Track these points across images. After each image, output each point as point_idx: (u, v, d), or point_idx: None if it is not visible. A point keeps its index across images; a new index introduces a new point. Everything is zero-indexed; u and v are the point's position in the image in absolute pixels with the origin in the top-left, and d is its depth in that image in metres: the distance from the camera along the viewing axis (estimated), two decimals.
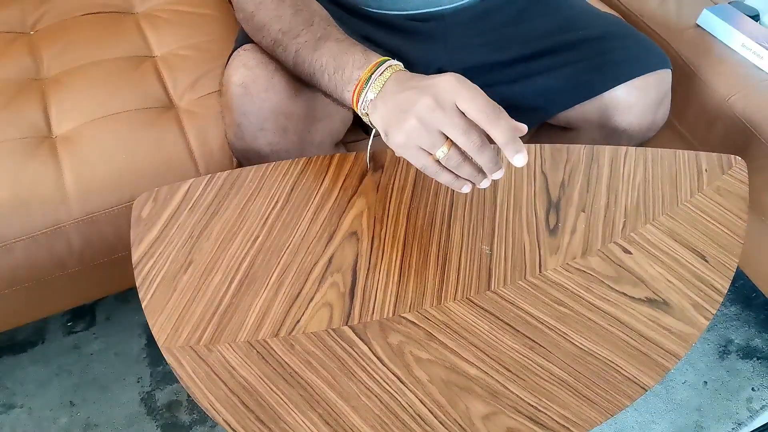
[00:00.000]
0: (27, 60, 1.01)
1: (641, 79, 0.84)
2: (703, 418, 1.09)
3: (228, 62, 0.78)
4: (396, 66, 0.63)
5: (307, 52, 0.67)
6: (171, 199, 0.67)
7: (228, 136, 0.78)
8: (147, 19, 1.09)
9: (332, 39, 0.66)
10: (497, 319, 0.59)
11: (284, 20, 0.69)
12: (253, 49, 0.75)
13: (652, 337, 0.58)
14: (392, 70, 0.62)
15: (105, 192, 0.85)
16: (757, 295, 1.26)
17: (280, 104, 0.73)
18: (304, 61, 0.68)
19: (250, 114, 0.74)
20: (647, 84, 0.85)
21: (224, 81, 0.77)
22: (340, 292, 0.60)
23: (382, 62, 0.63)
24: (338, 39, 0.66)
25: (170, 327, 0.57)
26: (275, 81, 0.73)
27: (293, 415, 0.52)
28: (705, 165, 0.73)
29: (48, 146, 0.88)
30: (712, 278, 0.63)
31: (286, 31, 0.69)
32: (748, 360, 1.17)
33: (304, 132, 0.77)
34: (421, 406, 0.53)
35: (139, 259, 0.62)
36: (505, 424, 0.52)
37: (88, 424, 1.05)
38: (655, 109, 0.87)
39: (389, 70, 0.62)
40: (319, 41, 0.67)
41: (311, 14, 0.69)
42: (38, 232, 0.83)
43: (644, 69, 0.84)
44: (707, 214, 0.68)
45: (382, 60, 0.63)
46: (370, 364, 0.55)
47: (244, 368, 0.54)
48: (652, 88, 0.85)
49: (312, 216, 0.66)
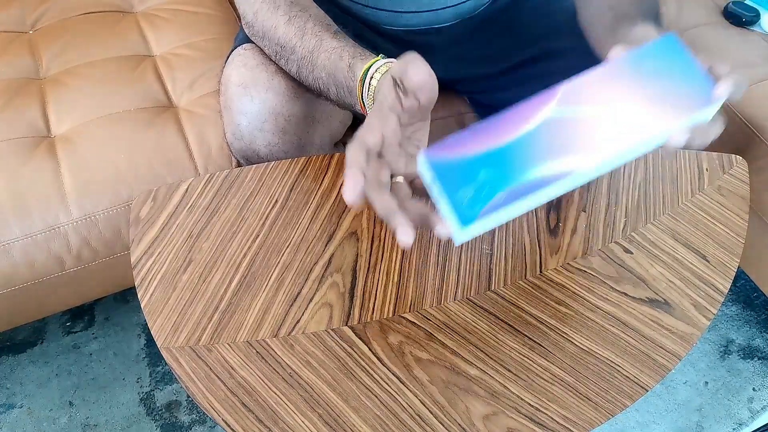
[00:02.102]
0: (26, 59, 1.01)
1: None
2: (704, 418, 1.09)
3: (227, 61, 0.78)
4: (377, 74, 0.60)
5: (306, 71, 0.67)
6: (170, 199, 0.67)
7: (227, 136, 0.78)
8: (146, 19, 1.09)
9: (324, 51, 0.65)
10: (497, 319, 0.59)
11: (279, 31, 0.68)
12: (253, 48, 0.75)
13: (652, 337, 0.58)
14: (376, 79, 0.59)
15: (104, 192, 0.85)
16: (758, 295, 1.26)
17: (280, 105, 0.73)
18: (306, 78, 0.68)
19: (249, 114, 0.73)
20: None
21: (224, 80, 0.77)
22: (340, 292, 0.60)
23: (365, 74, 0.60)
24: (328, 50, 0.65)
25: (169, 327, 0.57)
26: (275, 82, 0.72)
27: (293, 415, 0.52)
28: (706, 164, 0.73)
29: (47, 146, 0.88)
30: (713, 278, 0.63)
31: (282, 44, 0.68)
32: (749, 360, 1.17)
33: (303, 133, 0.76)
34: (421, 406, 0.53)
35: (138, 258, 0.62)
36: (505, 424, 0.52)
37: (87, 424, 1.04)
38: None
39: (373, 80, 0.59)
40: (314, 55, 0.66)
41: (305, 21, 0.68)
42: (37, 233, 0.83)
43: None
44: (708, 213, 0.68)
45: (364, 72, 0.60)
46: (370, 364, 0.55)
47: (243, 368, 0.54)
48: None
49: (312, 215, 0.66)
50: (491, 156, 0.48)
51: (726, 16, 1.13)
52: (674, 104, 0.47)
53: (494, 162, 0.48)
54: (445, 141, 0.47)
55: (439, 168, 0.47)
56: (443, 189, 0.47)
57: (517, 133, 0.48)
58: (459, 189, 0.47)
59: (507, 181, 0.47)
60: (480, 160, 0.48)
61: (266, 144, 0.75)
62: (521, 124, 0.48)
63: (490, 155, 0.48)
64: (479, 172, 0.48)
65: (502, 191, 0.47)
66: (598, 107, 0.47)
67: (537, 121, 0.47)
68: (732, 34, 1.10)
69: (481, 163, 0.48)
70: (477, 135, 0.47)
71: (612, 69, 0.48)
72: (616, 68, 0.48)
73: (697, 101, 0.48)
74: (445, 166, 0.47)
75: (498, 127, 0.48)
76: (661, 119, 0.47)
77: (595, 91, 0.48)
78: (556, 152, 0.47)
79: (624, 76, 0.48)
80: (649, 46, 0.48)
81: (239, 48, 0.77)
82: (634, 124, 0.47)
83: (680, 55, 0.48)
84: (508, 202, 0.47)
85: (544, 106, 0.47)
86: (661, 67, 0.48)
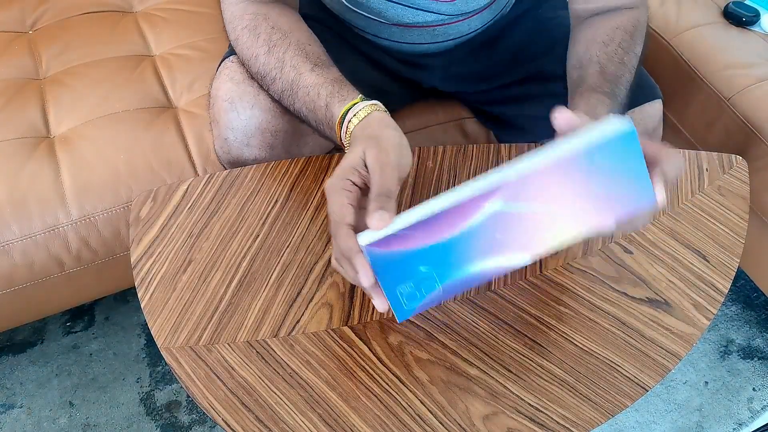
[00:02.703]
0: (26, 60, 1.01)
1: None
2: (704, 418, 1.09)
3: (217, 72, 0.77)
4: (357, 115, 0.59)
5: (287, 102, 0.67)
6: (170, 199, 0.67)
7: (215, 148, 0.78)
8: (146, 18, 1.09)
9: (302, 87, 0.64)
10: (497, 319, 0.59)
11: (259, 61, 0.67)
12: (240, 61, 0.74)
13: (652, 337, 0.58)
14: (353, 123, 0.59)
15: (103, 192, 0.85)
16: (758, 295, 1.26)
17: (266, 122, 0.72)
18: (289, 107, 0.68)
19: (236, 130, 0.73)
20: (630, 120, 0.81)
21: (212, 93, 0.76)
22: (340, 292, 0.60)
23: (343, 117, 0.60)
24: (307, 86, 0.64)
25: (169, 327, 0.57)
26: (261, 98, 0.71)
27: (293, 415, 0.52)
28: (706, 164, 0.73)
29: (46, 146, 0.88)
30: (713, 278, 0.63)
31: (263, 74, 0.68)
32: (749, 360, 1.17)
33: (291, 147, 0.76)
34: (421, 406, 0.53)
35: (137, 259, 0.62)
36: (505, 424, 0.52)
37: (87, 424, 1.04)
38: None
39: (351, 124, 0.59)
40: (293, 89, 0.65)
41: (284, 50, 0.66)
42: (36, 233, 0.83)
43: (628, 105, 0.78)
44: (708, 213, 0.68)
45: (342, 115, 0.60)
46: (370, 364, 0.55)
47: (243, 368, 0.54)
48: (638, 125, 0.81)
49: (312, 215, 0.66)
50: (431, 251, 0.49)
51: (726, 16, 1.13)
52: (613, 207, 0.48)
53: (434, 257, 0.49)
54: (388, 236, 0.47)
55: (379, 262, 0.48)
56: (382, 284, 0.49)
57: (458, 229, 0.48)
58: (398, 284, 0.49)
59: (444, 277, 0.49)
60: (420, 254, 0.49)
61: (254, 159, 0.74)
62: (464, 219, 0.47)
63: (430, 250, 0.48)
64: (418, 267, 0.49)
65: (439, 287, 0.49)
66: (541, 205, 0.47)
67: (480, 216, 0.47)
68: (732, 34, 1.10)
69: (421, 258, 0.49)
70: (419, 229, 0.47)
71: (563, 163, 0.46)
72: (568, 162, 0.46)
73: (635, 206, 0.49)
74: (385, 261, 0.48)
75: (442, 221, 0.47)
76: (598, 220, 0.48)
77: (541, 187, 0.47)
78: (493, 249, 0.48)
79: (573, 172, 0.47)
80: (607, 139, 0.46)
81: (227, 60, 0.76)
82: (571, 224, 0.48)
83: (632, 155, 0.47)
84: (444, 296, 0.49)
85: (489, 200, 0.47)
86: (611, 167, 0.47)
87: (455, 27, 0.83)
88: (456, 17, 0.81)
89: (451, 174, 0.71)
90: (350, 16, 0.83)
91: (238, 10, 0.70)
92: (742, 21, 1.10)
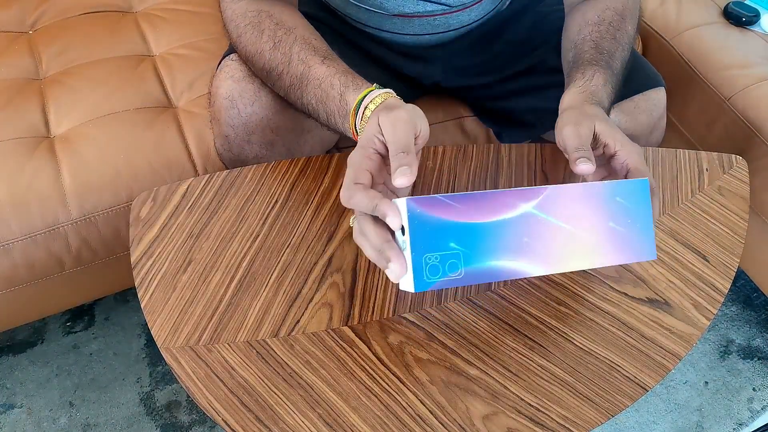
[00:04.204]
0: (26, 59, 1.01)
1: (629, 102, 0.80)
2: (704, 418, 1.09)
3: (217, 71, 0.77)
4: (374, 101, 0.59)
5: (294, 96, 0.67)
6: (170, 199, 0.67)
7: (216, 146, 0.78)
8: (146, 18, 1.09)
9: (313, 80, 0.64)
10: (497, 319, 0.59)
11: (264, 57, 0.67)
12: (240, 59, 0.74)
13: (652, 337, 0.58)
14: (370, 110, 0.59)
15: (103, 192, 0.85)
16: (758, 294, 1.26)
17: (267, 118, 0.72)
18: (295, 102, 0.67)
19: (236, 127, 0.73)
20: (636, 107, 0.80)
21: (212, 91, 0.76)
22: (340, 292, 0.60)
23: (359, 104, 0.60)
24: (318, 78, 0.64)
25: (169, 327, 0.57)
26: (262, 95, 0.71)
27: (293, 415, 0.52)
28: (706, 164, 0.73)
29: (46, 146, 0.88)
30: (713, 278, 0.63)
31: (268, 70, 0.67)
32: (749, 360, 1.17)
33: (292, 144, 0.76)
34: (421, 406, 0.53)
35: (138, 258, 0.62)
36: (505, 424, 0.52)
37: (87, 424, 1.04)
38: (647, 134, 0.83)
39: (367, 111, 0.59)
40: (302, 83, 0.65)
41: (290, 45, 0.66)
42: (37, 233, 0.83)
43: (631, 90, 0.79)
44: (708, 213, 0.68)
45: (358, 102, 0.60)
46: (370, 364, 0.55)
47: (243, 368, 0.54)
48: (642, 112, 0.81)
49: (312, 215, 0.66)
50: (465, 229, 0.50)
51: (726, 16, 1.13)
52: (621, 249, 0.54)
53: (466, 236, 0.50)
54: (431, 197, 0.49)
55: (416, 222, 0.49)
56: (411, 246, 0.49)
57: (494, 217, 0.51)
58: (426, 251, 0.50)
59: (469, 261, 0.50)
60: (455, 228, 0.50)
61: (254, 156, 0.74)
62: (501, 210, 0.51)
63: (465, 228, 0.50)
64: (449, 242, 0.50)
65: (461, 269, 0.50)
66: (564, 223, 0.52)
67: (515, 212, 0.51)
68: (732, 34, 1.10)
69: (454, 233, 0.50)
70: (461, 202, 0.50)
71: (588, 188, 0.53)
72: (592, 189, 0.53)
73: (638, 254, 0.55)
74: (422, 222, 0.49)
75: (482, 203, 0.50)
76: (605, 258, 0.54)
77: (569, 206, 0.53)
78: (518, 251, 0.51)
79: (595, 203, 0.53)
80: (625, 183, 0.54)
81: (227, 58, 0.76)
82: (583, 253, 0.53)
83: (643, 203, 0.54)
84: (462, 281, 0.50)
85: (527, 201, 0.51)
86: (625, 209, 0.54)
87: (456, 17, 0.83)
88: (456, 7, 0.81)
89: (451, 174, 0.71)
90: (351, 10, 0.83)
91: (239, 8, 0.70)
92: (742, 21, 1.10)
